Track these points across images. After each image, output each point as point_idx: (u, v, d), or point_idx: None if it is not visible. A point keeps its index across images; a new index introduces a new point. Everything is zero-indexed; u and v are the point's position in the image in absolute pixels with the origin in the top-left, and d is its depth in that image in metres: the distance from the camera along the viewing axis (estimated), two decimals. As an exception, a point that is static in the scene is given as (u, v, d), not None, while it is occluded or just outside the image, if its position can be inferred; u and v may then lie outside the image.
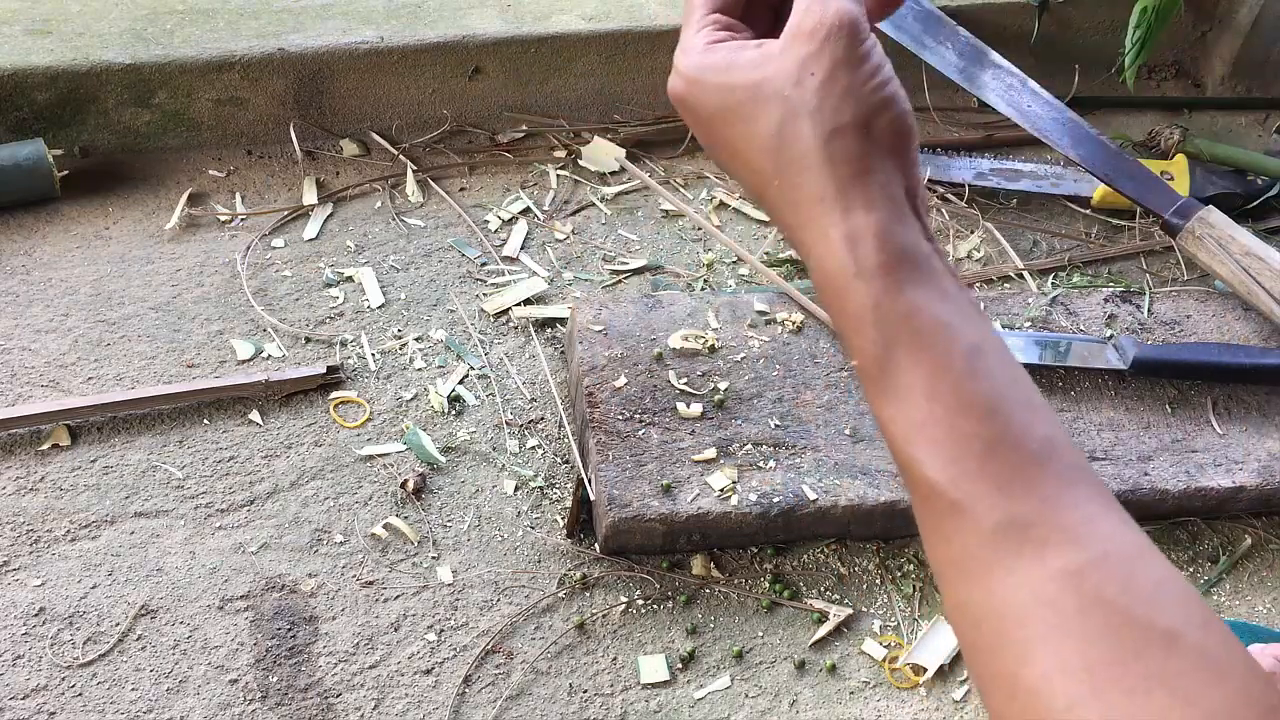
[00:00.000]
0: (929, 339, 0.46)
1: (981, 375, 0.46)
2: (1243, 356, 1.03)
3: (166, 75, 1.20)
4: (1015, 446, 0.45)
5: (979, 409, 0.45)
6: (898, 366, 0.46)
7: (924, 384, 0.46)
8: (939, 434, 0.45)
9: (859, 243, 0.46)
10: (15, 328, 1.06)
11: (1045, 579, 0.43)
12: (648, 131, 1.31)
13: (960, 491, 0.45)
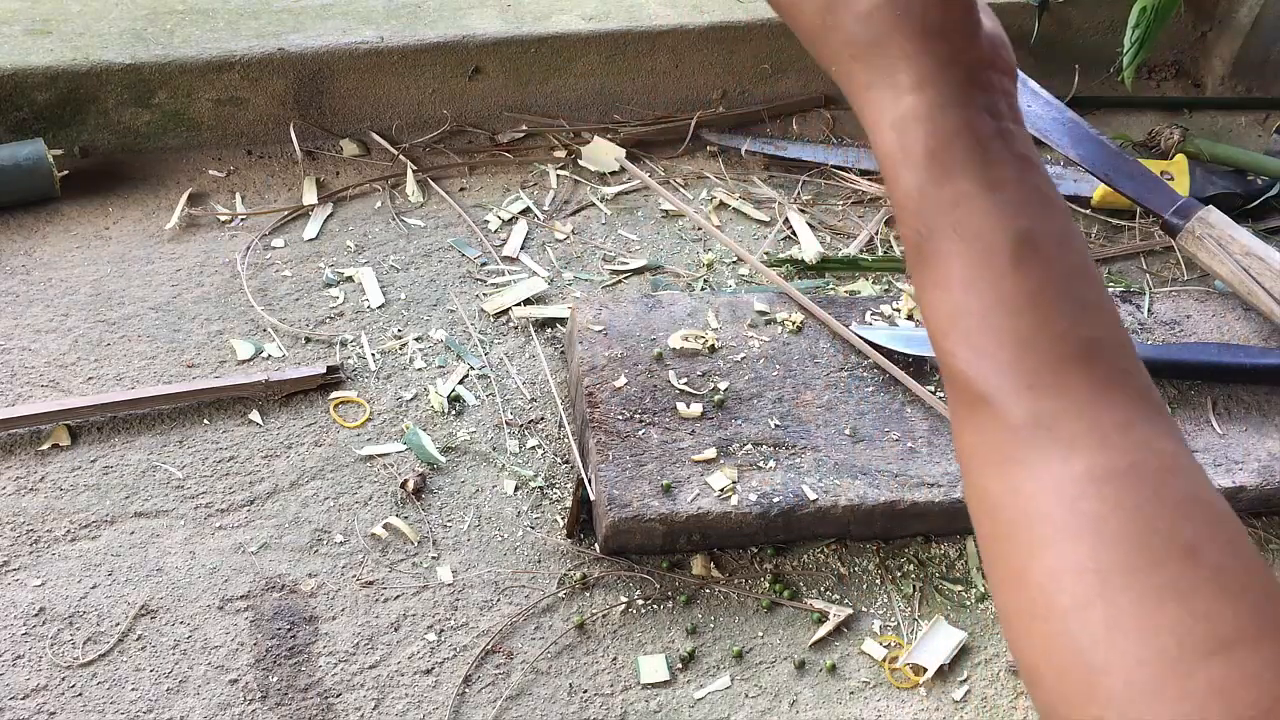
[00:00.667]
0: (972, 229, 0.44)
1: (1026, 268, 0.44)
2: (1243, 356, 1.03)
3: (166, 75, 1.20)
4: (1052, 344, 0.44)
5: (1016, 303, 0.44)
6: (938, 255, 0.45)
7: (962, 274, 0.44)
8: (972, 326, 0.44)
9: (905, 128, 0.45)
10: (15, 328, 1.06)
11: (1067, 479, 0.42)
12: (648, 131, 1.31)
13: (988, 385, 0.44)
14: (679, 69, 1.33)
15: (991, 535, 0.45)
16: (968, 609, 0.93)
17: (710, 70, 1.33)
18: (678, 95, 1.34)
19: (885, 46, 0.45)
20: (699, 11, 1.31)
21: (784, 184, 1.28)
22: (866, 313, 1.06)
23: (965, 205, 0.44)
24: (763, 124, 1.35)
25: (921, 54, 0.45)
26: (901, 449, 0.96)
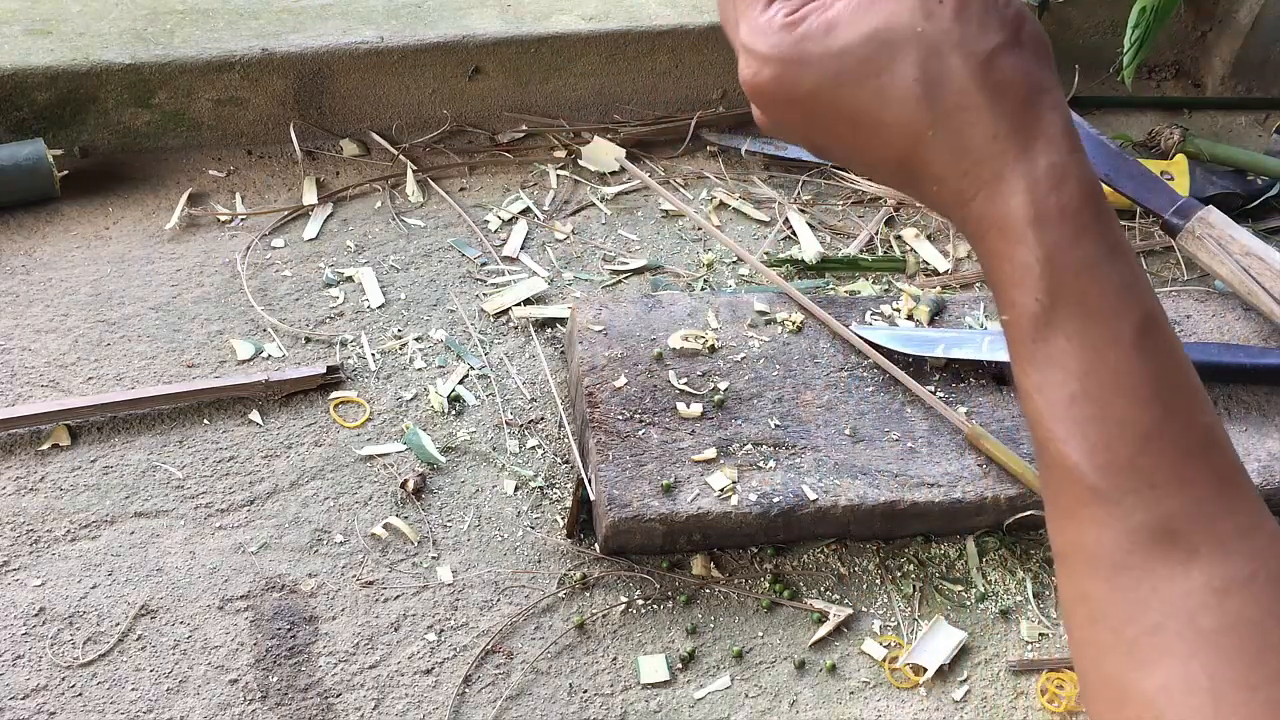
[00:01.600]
0: (1100, 303, 0.41)
1: (1149, 352, 0.41)
2: (1243, 356, 1.03)
3: (166, 75, 1.20)
4: (1174, 439, 0.40)
5: (1141, 391, 0.40)
6: (1058, 330, 0.41)
7: (1084, 354, 0.41)
8: (1091, 413, 0.41)
9: (1038, 183, 0.41)
10: (15, 328, 1.06)
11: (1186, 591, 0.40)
12: (648, 131, 1.31)
13: (1106, 481, 0.40)
14: (679, 69, 1.33)
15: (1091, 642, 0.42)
16: (968, 609, 0.93)
17: (710, 70, 1.33)
18: (678, 95, 1.34)
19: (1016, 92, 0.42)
20: (699, 11, 1.31)
21: (784, 184, 1.28)
22: (866, 313, 1.06)
23: (1093, 272, 0.41)
24: (763, 124, 1.35)
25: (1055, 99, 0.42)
26: (901, 449, 0.96)
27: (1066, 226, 0.41)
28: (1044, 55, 0.43)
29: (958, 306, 1.09)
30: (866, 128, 0.43)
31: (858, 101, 0.43)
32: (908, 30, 0.42)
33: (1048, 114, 0.42)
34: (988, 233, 0.42)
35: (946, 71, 0.41)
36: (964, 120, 0.42)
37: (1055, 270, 0.41)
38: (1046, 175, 0.41)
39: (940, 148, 0.42)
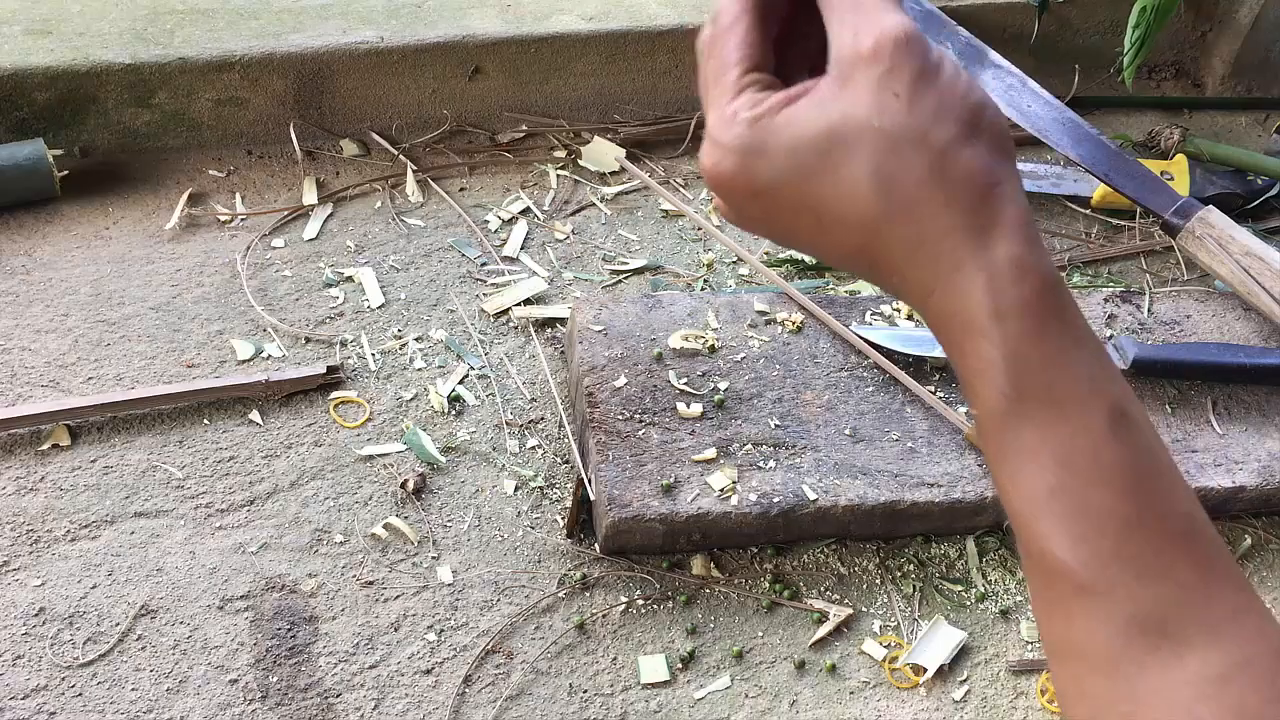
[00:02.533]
0: (1068, 393, 0.41)
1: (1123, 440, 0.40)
2: (1243, 356, 1.03)
3: (166, 75, 1.20)
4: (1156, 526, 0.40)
5: (1119, 480, 0.40)
6: (1029, 422, 0.41)
7: (1057, 446, 0.40)
8: (1071, 506, 0.40)
9: (997, 276, 0.40)
10: (15, 328, 1.06)
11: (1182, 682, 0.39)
12: (648, 131, 1.31)
13: (1092, 574, 0.40)
14: (679, 69, 1.33)
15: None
16: (968, 609, 0.93)
17: (710, 70, 1.33)
18: (678, 95, 1.34)
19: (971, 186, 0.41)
20: (699, 11, 1.31)
21: (784, 184, 1.27)
22: (866, 313, 1.06)
23: (1059, 364, 0.41)
24: (763, 124, 1.35)
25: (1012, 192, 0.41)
26: (901, 449, 0.96)
27: (1029, 319, 0.40)
28: (1002, 145, 0.42)
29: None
30: (825, 220, 0.43)
31: (816, 195, 0.43)
32: (864, 124, 0.41)
33: (1006, 206, 0.41)
34: (949, 325, 0.42)
35: (902, 165, 0.41)
36: (920, 214, 0.41)
37: (1019, 363, 0.41)
38: (1006, 268, 0.41)
39: (897, 241, 0.42)
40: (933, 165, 0.41)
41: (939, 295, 0.42)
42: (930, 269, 0.42)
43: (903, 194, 0.41)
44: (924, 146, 0.41)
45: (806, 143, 0.42)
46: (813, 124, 0.42)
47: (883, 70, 0.41)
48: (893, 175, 0.41)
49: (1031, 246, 0.41)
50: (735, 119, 0.44)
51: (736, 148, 0.44)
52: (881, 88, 0.41)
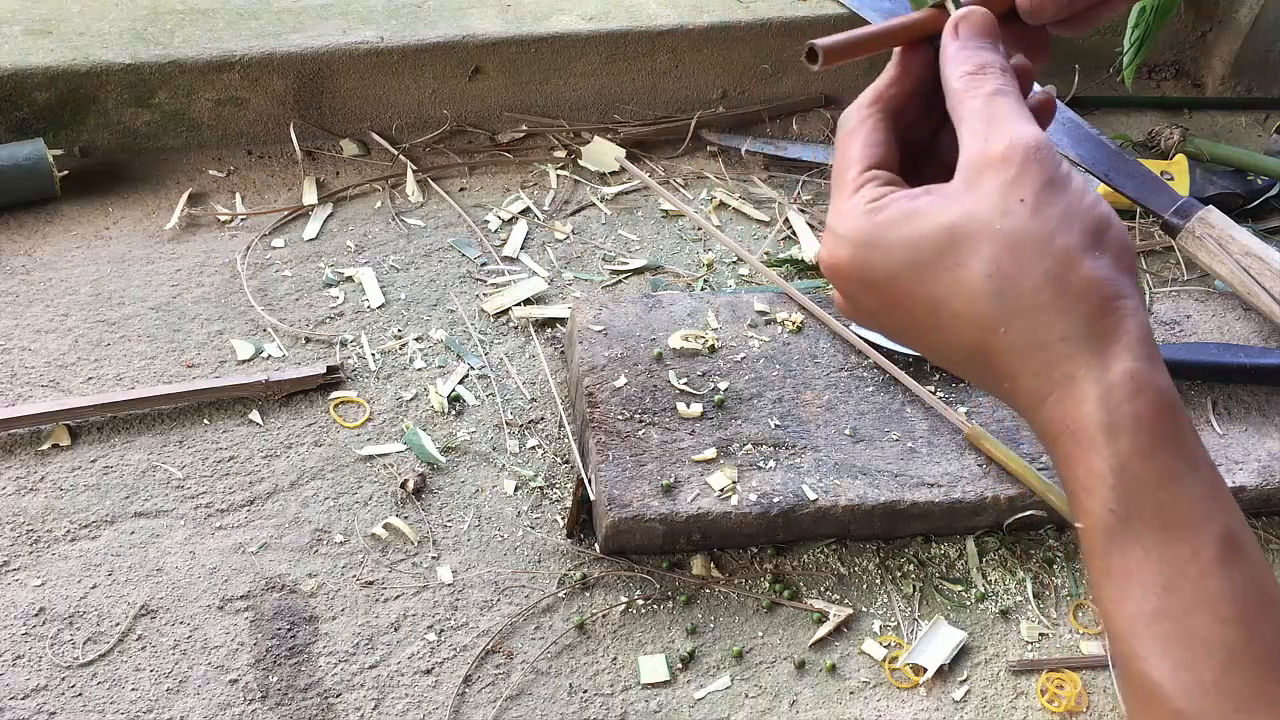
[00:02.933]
0: (1178, 517, 0.40)
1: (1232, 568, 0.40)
2: (1243, 356, 1.03)
3: (166, 75, 1.20)
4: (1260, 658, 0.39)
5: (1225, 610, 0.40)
6: (1137, 543, 0.40)
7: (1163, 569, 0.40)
8: (1173, 632, 0.40)
9: (1113, 390, 0.40)
10: (15, 328, 1.06)
11: None
12: (648, 131, 1.31)
13: (1192, 704, 0.39)
14: (679, 69, 1.33)
15: None
16: (968, 609, 0.93)
17: (710, 70, 1.33)
18: (678, 95, 1.34)
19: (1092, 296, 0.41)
20: (699, 11, 1.31)
21: (784, 184, 1.28)
22: (866, 313, 1.06)
23: (1170, 486, 0.40)
24: (763, 124, 1.35)
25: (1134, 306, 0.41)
26: (901, 449, 0.96)
27: (1143, 436, 0.40)
28: (1126, 261, 0.42)
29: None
30: (942, 317, 0.43)
31: (932, 291, 0.43)
32: (986, 224, 0.42)
33: (1126, 320, 0.41)
34: (1060, 436, 0.42)
35: (1022, 268, 0.41)
36: (1037, 320, 0.41)
37: (1130, 480, 0.40)
38: (1122, 382, 0.40)
39: (1012, 345, 0.42)
40: (1053, 271, 0.41)
41: (1051, 404, 0.42)
42: (1044, 376, 0.41)
43: (1020, 297, 0.41)
44: (1047, 252, 0.41)
45: (927, 238, 0.43)
46: (935, 221, 0.43)
47: (1011, 175, 0.42)
48: (1012, 276, 0.41)
49: (1151, 364, 0.41)
50: (856, 211, 0.45)
51: (853, 239, 0.44)
52: (1008, 192, 0.42)
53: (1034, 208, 0.42)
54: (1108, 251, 0.42)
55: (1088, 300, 0.41)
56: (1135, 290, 0.42)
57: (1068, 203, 0.42)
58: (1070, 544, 0.97)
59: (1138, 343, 0.41)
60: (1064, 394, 0.41)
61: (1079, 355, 0.41)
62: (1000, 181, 0.42)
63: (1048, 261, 0.41)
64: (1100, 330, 0.41)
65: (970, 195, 0.42)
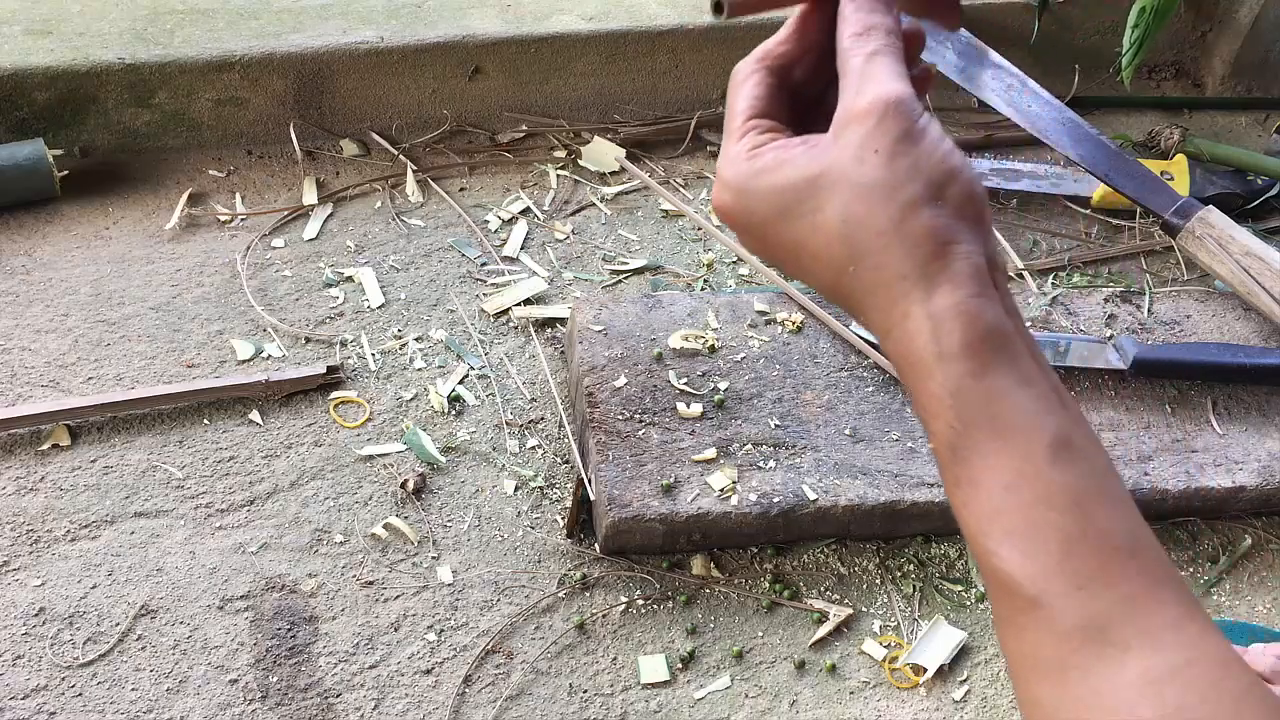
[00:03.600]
0: (1010, 425, 0.44)
1: (1064, 465, 0.44)
2: (1243, 356, 1.03)
3: (166, 75, 1.20)
4: (1097, 542, 0.43)
5: (1060, 501, 0.44)
6: (975, 452, 0.45)
7: (1002, 472, 0.44)
8: (1016, 525, 0.44)
9: (943, 322, 0.45)
10: (15, 328, 1.06)
11: (1124, 685, 0.42)
12: (648, 131, 1.31)
13: (1037, 587, 0.43)
14: (679, 69, 1.33)
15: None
16: (968, 609, 0.93)
17: (710, 70, 1.33)
18: (678, 95, 1.34)
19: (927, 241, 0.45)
20: (699, 11, 1.31)
21: (784, 184, 1.27)
22: (866, 313, 1.06)
23: (1001, 400, 0.45)
24: (763, 124, 1.35)
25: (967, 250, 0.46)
26: (901, 449, 0.96)
27: (972, 360, 0.44)
28: (968, 210, 0.46)
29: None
30: (803, 258, 0.48)
31: (797, 232, 0.48)
32: (843, 175, 0.46)
33: (957, 262, 0.45)
34: (903, 365, 0.46)
35: (869, 215, 0.45)
36: (879, 261, 0.46)
37: (964, 399, 0.45)
38: (950, 315, 0.45)
39: (859, 283, 0.47)
40: (895, 218, 0.45)
41: (894, 337, 0.46)
42: (885, 312, 0.46)
43: (866, 240, 0.46)
44: (892, 200, 0.45)
45: (792, 185, 0.47)
46: (801, 169, 0.47)
47: (870, 128, 0.46)
48: (860, 221, 0.46)
49: (979, 298, 0.45)
50: (736, 159, 0.49)
51: (733, 185, 0.49)
52: (865, 143, 0.46)
53: (886, 159, 0.45)
54: (949, 203, 0.46)
55: (923, 245, 0.45)
56: (975, 236, 0.46)
57: (917, 155, 0.45)
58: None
59: (967, 280, 0.45)
60: (902, 328, 0.46)
61: (913, 293, 0.45)
62: (860, 133, 0.46)
63: (891, 209, 0.45)
64: (933, 270, 0.45)
65: (835, 146, 0.46)
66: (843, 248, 0.46)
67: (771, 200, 0.48)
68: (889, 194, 0.45)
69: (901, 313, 0.45)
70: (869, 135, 0.46)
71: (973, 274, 0.45)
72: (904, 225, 0.45)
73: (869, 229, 0.46)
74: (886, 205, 0.45)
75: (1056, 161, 1.28)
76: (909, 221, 0.45)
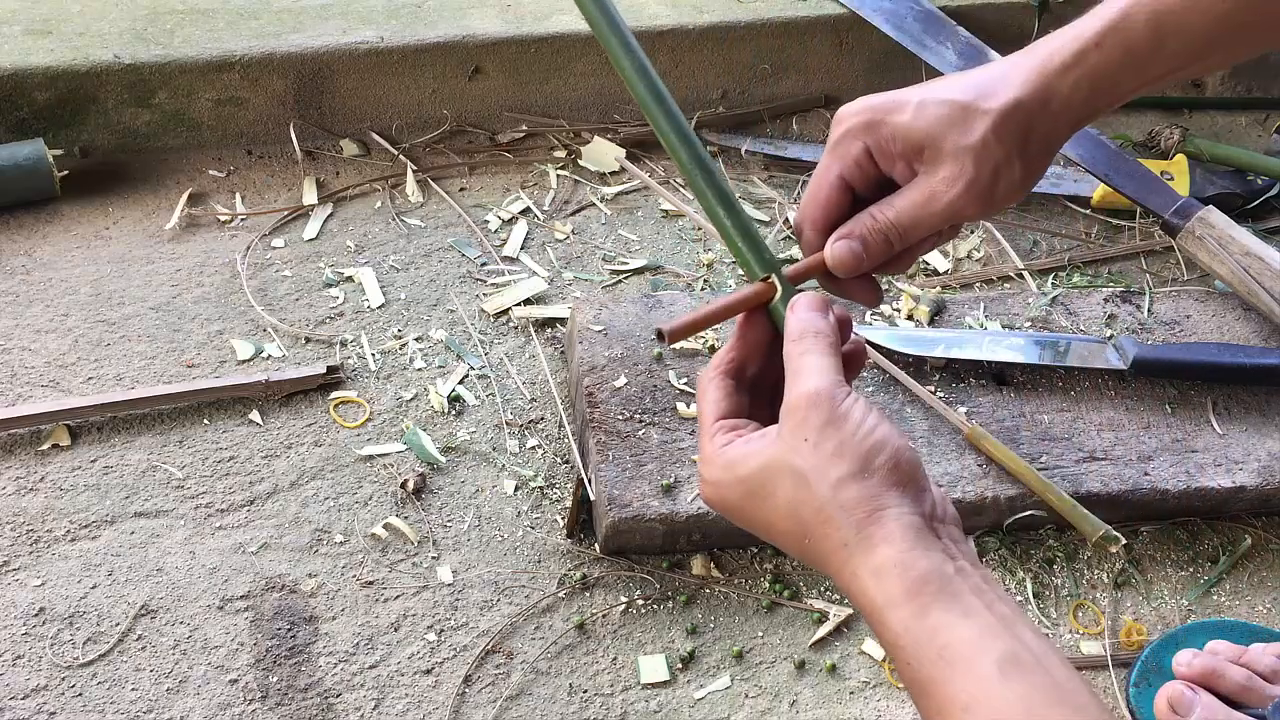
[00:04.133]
0: (957, 655, 0.49)
1: (1013, 681, 0.48)
2: (1243, 356, 1.03)
3: (166, 75, 1.20)
4: None
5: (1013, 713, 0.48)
6: (932, 682, 0.50)
7: (959, 696, 0.49)
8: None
9: (883, 577, 0.51)
10: (15, 328, 1.06)
11: None
12: (648, 131, 1.31)
13: None
14: (679, 69, 1.33)
15: None
16: (968, 609, 0.93)
17: (710, 70, 1.33)
18: (678, 95, 1.33)
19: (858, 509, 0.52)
20: (699, 11, 1.31)
21: (784, 184, 1.28)
22: (867, 313, 1.06)
23: (945, 633, 0.50)
24: (763, 124, 1.35)
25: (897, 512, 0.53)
26: (901, 449, 0.96)
27: (911, 604, 0.51)
28: (893, 477, 0.53)
29: (958, 306, 1.09)
30: (772, 532, 0.57)
31: (762, 513, 0.56)
32: (786, 463, 0.54)
33: (889, 523, 0.52)
34: (864, 617, 0.53)
35: (808, 495, 0.53)
36: (823, 532, 0.53)
37: (912, 639, 0.50)
38: (886, 568, 0.51)
39: (814, 552, 0.54)
40: (829, 493, 0.53)
41: (851, 594, 0.53)
42: (838, 573, 0.54)
43: (808, 517, 0.54)
44: (823, 480, 0.53)
45: (751, 475, 0.56)
46: (754, 462, 0.56)
47: (798, 420, 0.54)
48: (804, 501, 0.54)
49: (914, 549, 0.51)
50: (711, 457, 0.58)
51: (709, 480, 0.58)
52: (796, 433, 0.54)
53: (813, 446, 0.54)
54: (876, 473, 0.53)
55: (855, 513, 0.52)
56: (904, 497, 0.53)
57: (841, 438, 0.53)
58: (1070, 544, 0.97)
59: (900, 537, 0.52)
60: (853, 586, 0.53)
61: (855, 555, 0.52)
62: (792, 424, 0.54)
63: (823, 488, 0.53)
64: (868, 533, 0.52)
65: (778, 440, 0.55)
66: (794, 524, 0.54)
67: (738, 489, 0.57)
68: (820, 475, 0.53)
69: (850, 573, 0.53)
70: (798, 426, 0.54)
71: (905, 531, 0.52)
72: (836, 499, 0.53)
73: (809, 507, 0.54)
74: (819, 485, 0.53)
75: (1057, 161, 1.28)
76: (840, 495, 0.53)
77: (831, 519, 0.53)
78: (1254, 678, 0.80)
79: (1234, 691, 0.79)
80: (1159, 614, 0.94)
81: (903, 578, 0.51)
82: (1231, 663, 0.81)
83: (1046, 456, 0.97)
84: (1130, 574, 0.96)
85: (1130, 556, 0.97)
